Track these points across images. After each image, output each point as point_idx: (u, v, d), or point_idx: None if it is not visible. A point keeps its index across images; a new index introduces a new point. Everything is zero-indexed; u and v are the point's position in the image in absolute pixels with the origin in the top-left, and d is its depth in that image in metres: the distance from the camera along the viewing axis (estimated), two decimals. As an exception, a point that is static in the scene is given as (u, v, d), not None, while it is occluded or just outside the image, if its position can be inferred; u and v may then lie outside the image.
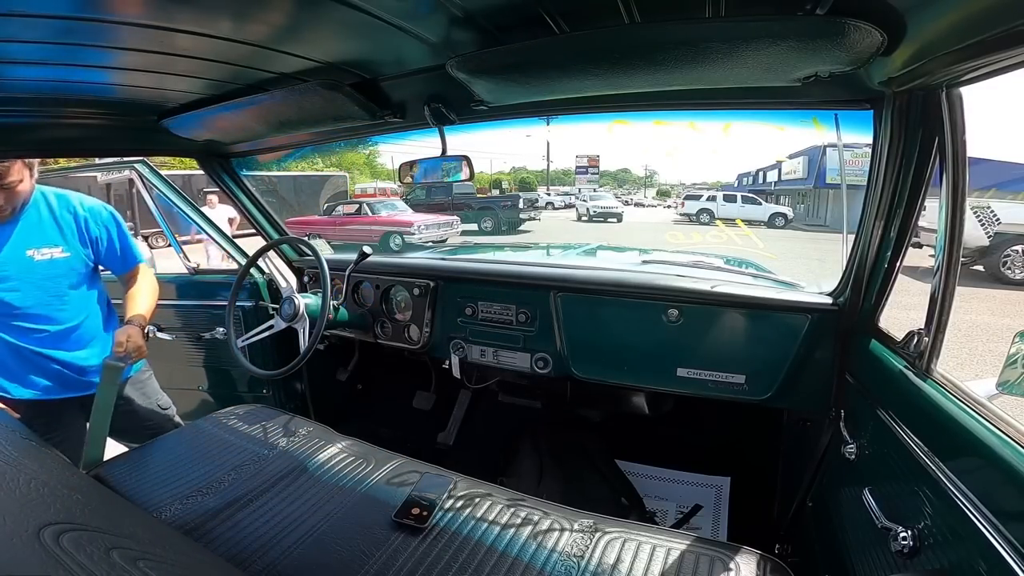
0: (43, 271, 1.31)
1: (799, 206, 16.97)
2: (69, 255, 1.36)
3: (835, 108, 1.04)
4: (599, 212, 14.17)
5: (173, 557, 0.73)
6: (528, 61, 0.86)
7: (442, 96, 1.13)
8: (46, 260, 1.32)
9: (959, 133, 0.77)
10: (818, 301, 1.24)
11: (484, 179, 24.87)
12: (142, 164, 1.90)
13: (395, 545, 0.94)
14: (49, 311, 1.33)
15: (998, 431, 0.63)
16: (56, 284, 1.34)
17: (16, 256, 1.28)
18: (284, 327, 1.58)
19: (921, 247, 3.00)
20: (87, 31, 0.75)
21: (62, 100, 1.08)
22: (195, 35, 0.80)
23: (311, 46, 0.91)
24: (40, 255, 1.31)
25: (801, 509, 1.34)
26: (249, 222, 1.97)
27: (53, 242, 1.33)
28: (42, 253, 1.31)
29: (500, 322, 1.61)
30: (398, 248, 10.04)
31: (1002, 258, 6.40)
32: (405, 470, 1.19)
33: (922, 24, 0.66)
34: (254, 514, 1.04)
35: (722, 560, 0.89)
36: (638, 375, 1.44)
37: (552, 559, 0.91)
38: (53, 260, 1.33)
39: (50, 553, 0.53)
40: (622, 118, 1.40)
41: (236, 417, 1.44)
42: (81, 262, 1.39)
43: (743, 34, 0.71)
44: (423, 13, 0.78)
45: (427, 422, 2.15)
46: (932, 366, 0.83)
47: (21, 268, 1.28)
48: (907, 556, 0.73)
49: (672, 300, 1.36)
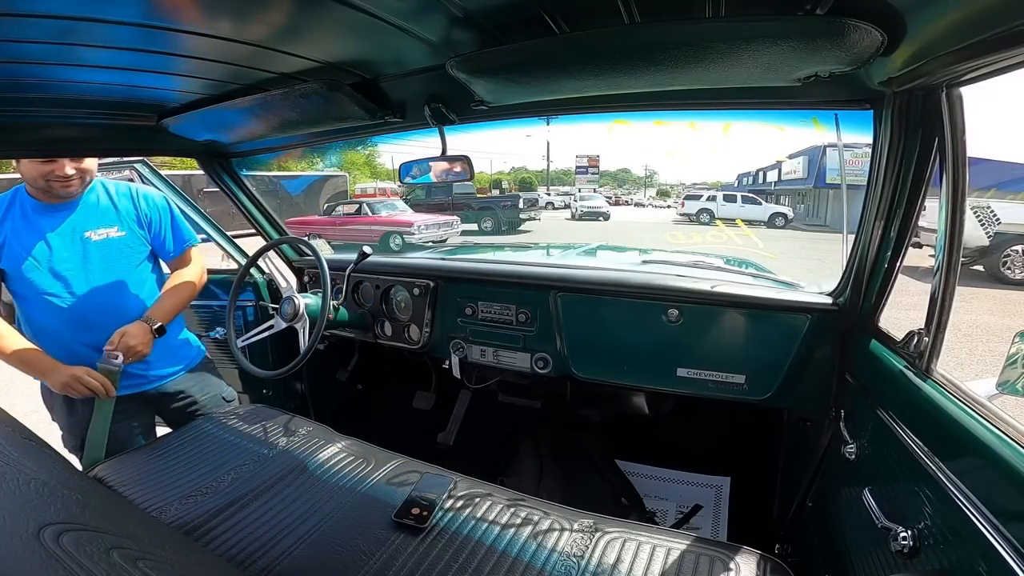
0: (99, 251, 1.35)
1: (799, 206, 16.99)
2: (124, 234, 1.39)
3: (835, 108, 1.03)
4: (587, 211, 16.05)
5: (173, 557, 0.73)
6: (528, 61, 0.86)
7: (442, 96, 1.13)
8: (101, 240, 1.35)
9: (959, 133, 0.77)
10: (818, 301, 1.24)
11: (484, 179, 24.89)
12: (142, 164, 1.90)
13: (395, 545, 0.94)
14: (107, 294, 1.35)
15: (998, 431, 0.63)
16: (112, 265, 1.36)
17: (73, 237, 1.31)
18: (284, 327, 1.58)
19: (921, 247, 3.01)
20: (87, 31, 0.75)
21: (62, 100, 1.08)
22: (195, 35, 0.80)
23: (311, 46, 0.91)
24: (96, 235, 1.34)
25: (801, 509, 1.34)
26: (249, 222, 1.97)
27: (109, 223, 1.37)
28: (98, 234, 1.35)
29: (500, 322, 1.61)
30: (398, 248, 10.03)
31: (1002, 258, 6.39)
32: (405, 470, 1.19)
33: (922, 24, 0.66)
34: (254, 514, 1.04)
35: (722, 560, 0.89)
36: (638, 375, 1.44)
37: (552, 559, 0.91)
38: (108, 240, 1.36)
39: (50, 553, 0.53)
40: (622, 118, 1.40)
41: (236, 417, 1.44)
42: (138, 241, 1.42)
43: (743, 34, 0.71)
44: (423, 13, 0.78)
45: (427, 422, 2.15)
46: (932, 366, 0.83)
47: (77, 249, 1.32)
48: (907, 556, 0.73)
49: (672, 300, 1.36)
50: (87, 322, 1.32)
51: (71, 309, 1.31)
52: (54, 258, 1.29)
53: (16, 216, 1.28)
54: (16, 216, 1.28)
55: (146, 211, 1.43)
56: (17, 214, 1.28)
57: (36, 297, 1.29)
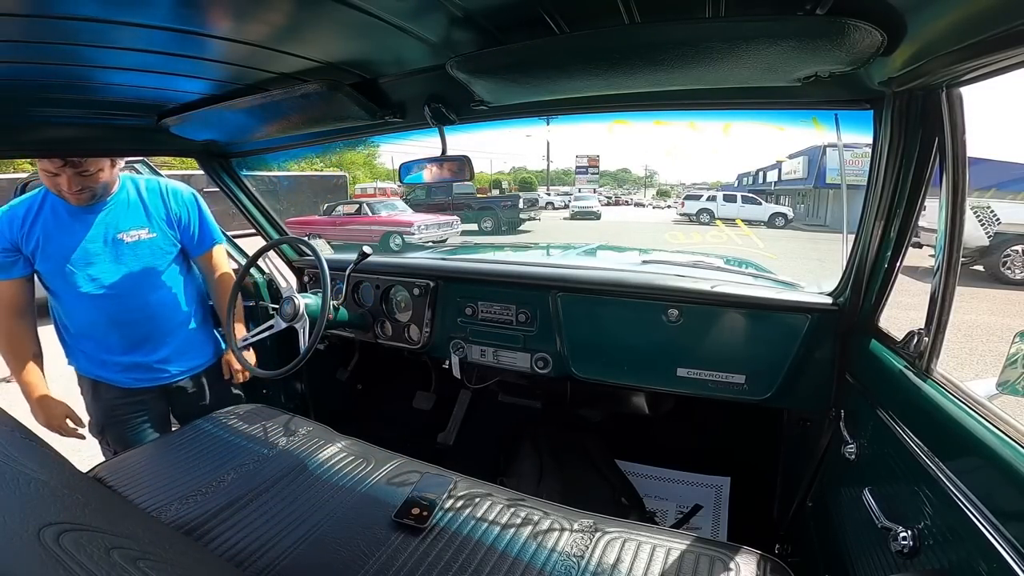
0: (131, 252, 1.36)
1: (799, 206, 17.01)
2: (155, 235, 1.40)
3: (835, 108, 1.03)
4: (580, 211, 17.55)
5: (173, 557, 0.73)
6: (528, 61, 0.86)
7: (442, 96, 1.13)
8: (133, 242, 1.36)
9: (959, 133, 0.77)
10: (818, 301, 1.24)
11: (484, 179, 24.94)
12: (142, 164, 1.90)
13: (395, 545, 0.94)
14: (139, 294, 1.37)
15: (998, 431, 0.63)
16: (144, 265, 1.38)
17: (105, 239, 1.33)
18: (284, 327, 1.58)
19: (921, 247, 3.01)
20: (88, 31, 0.75)
21: (62, 100, 1.08)
22: (195, 35, 0.80)
23: (311, 46, 0.91)
24: (128, 237, 1.36)
25: (801, 509, 1.34)
26: (249, 222, 1.97)
27: (140, 224, 1.38)
28: (130, 235, 1.36)
29: (500, 322, 1.61)
30: (398, 248, 10.03)
31: (1002, 258, 6.40)
32: (405, 470, 1.19)
33: (922, 24, 0.66)
34: (254, 514, 1.04)
35: (722, 560, 0.89)
36: (638, 375, 1.44)
37: (552, 559, 0.91)
38: (140, 241, 1.37)
39: (50, 553, 0.53)
40: (622, 118, 1.39)
41: (236, 417, 1.44)
42: (168, 241, 1.43)
43: (743, 34, 0.71)
44: (423, 13, 0.78)
45: (427, 422, 2.15)
46: (932, 366, 0.83)
47: (109, 250, 1.33)
48: (907, 556, 0.73)
49: (672, 300, 1.36)
50: (121, 320, 1.35)
51: (106, 309, 1.33)
52: (88, 259, 1.31)
53: (48, 217, 1.29)
54: (48, 217, 1.29)
55: (176, 209, 1.45)
56: (49, 215, 1.29)
57: (71, 297, 1.32)
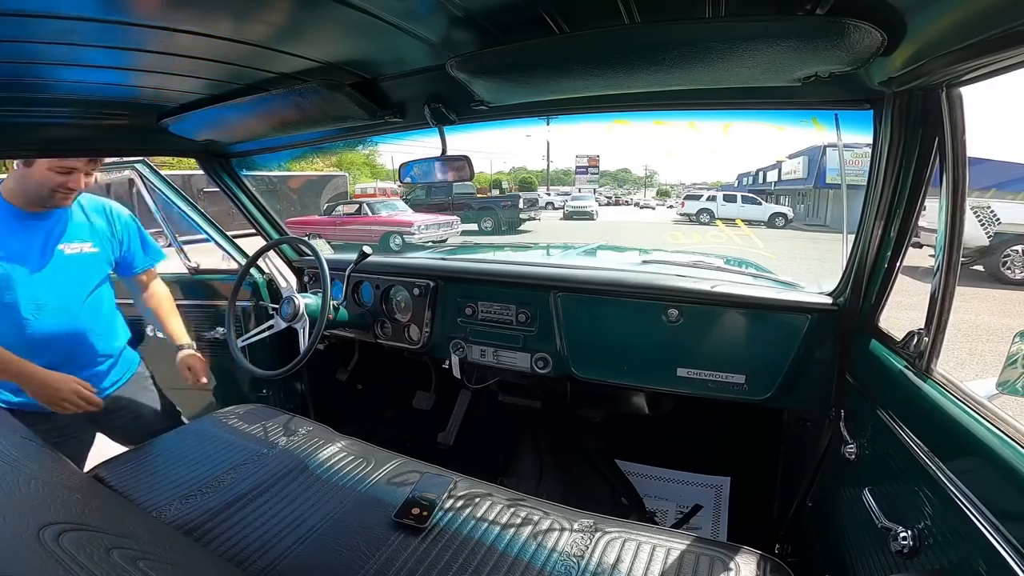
0: (69, 265, 1.33)
1: (799, 206, 17.00)
2: (98, 251, 1.39)
3: (835, 108, 1.03)
4: (575, 211, 17.71)
5: (173, 557, 0.73)
6: (528, 61, 0.86)
7: (442, 96, 1.13)
8: (75, 254, 1.34)
9: (959, 133, 0.77)
10: (818, 301, 1.24)
11: (484, 179, 24.93)
12: (142, 164, 1.89)
13: (395, 545, 0.94)
14: (66, 309, 1.33)
15: (998, 431, 0.63)
16: (78, 279, 1.36)
17: (46, 249, 1.30)
18: (284, 327, 1.58)
19: (921, 247, 3.01)
20: (87, 31, 0.75)
21: (62, 100, 1.08)
22: (195, 35, 0.80)
23: (311, 46, 0.91)
24: (70, 249, 1.34)
25: (801, 509, 1.34)
26: (249, 222, 1.97)
27: (84, 238, 1.37)
28: (72, 247, 1.34)
29: (500, 322, 1.61)
30: (398, 248, 10.03)
31: (1002, 258, 6.40)
32: (405, 470, 1.19)
33: (922, 24, 0.66)
34: (254, 514, 1.04)
35: (722, 560, 0.89)
36: (638, 375, 1.44)
37: (552, 559, 0.91)
38: (82, 254, 1.36)
39: (50, 553, 0.53)
40: (622, 118, 1.40)
41: (236, 417, 1.44)
42: (106, 259, 1.42)
43: (743, 34, 0.71)
44: (423, 13, 0.78)
45: (427, 422, 2.15)
46: (932, 366, 0.83)
47: (48, 261, 1.30)
48: (907, 556, 0.73)
49: (672, 300, 1.36)
50: (44, 336, 1.28)
51: (30, 321, 1.26)
52: (24, 268, 1.24)
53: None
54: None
55: (119, 229, 1.44)
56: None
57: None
